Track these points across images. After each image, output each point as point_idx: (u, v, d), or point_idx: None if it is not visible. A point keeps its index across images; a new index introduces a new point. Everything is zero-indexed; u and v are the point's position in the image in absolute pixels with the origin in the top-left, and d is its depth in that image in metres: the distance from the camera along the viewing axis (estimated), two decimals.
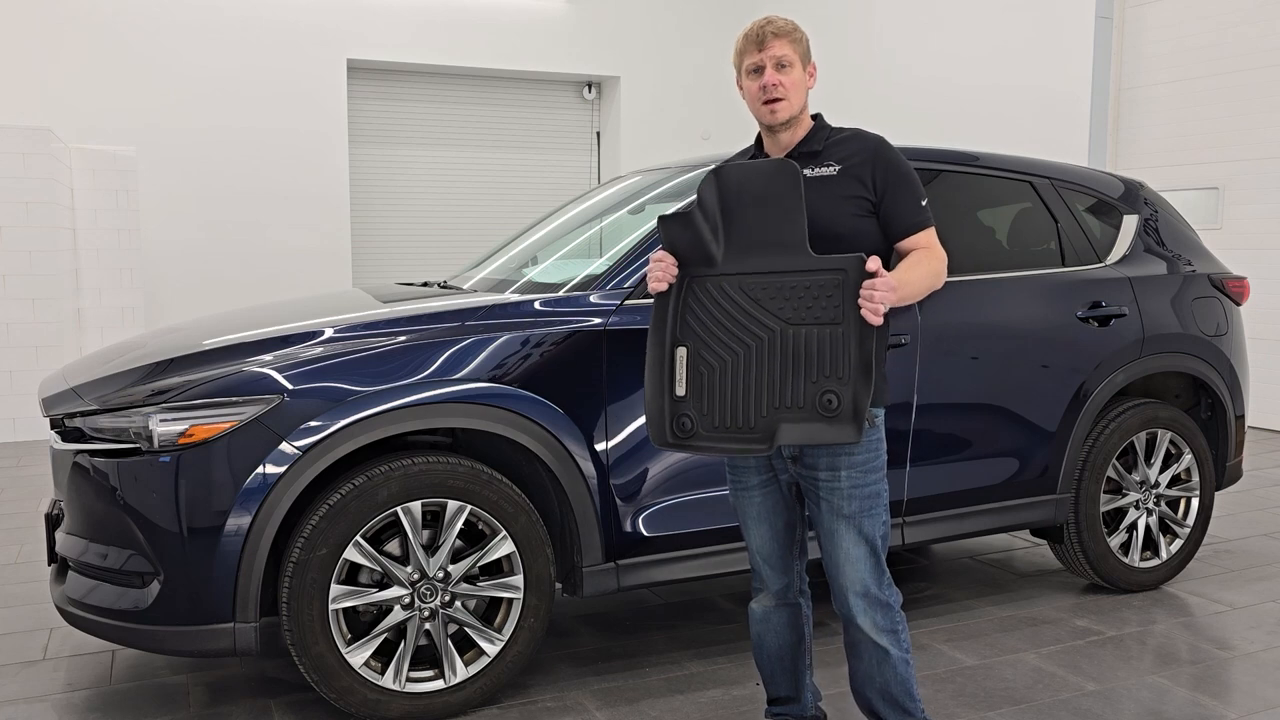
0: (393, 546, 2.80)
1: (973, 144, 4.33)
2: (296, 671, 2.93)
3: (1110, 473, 3.82)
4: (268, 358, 2.78)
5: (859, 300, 2.09)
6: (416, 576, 2.79)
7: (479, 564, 2.86)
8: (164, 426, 2.63)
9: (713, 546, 3.12)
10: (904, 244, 2.33)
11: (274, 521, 2.65)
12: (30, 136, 7.16)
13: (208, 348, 2.89)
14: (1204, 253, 4.25)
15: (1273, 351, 7.04)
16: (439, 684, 2.82)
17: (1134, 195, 4.15)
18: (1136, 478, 3.90)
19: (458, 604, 2.84)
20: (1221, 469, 4.18)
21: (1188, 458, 3.99)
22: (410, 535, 2.77)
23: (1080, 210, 3.95)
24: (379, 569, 2.75)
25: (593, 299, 3.06)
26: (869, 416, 2.29)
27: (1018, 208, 3.89)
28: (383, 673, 2.78)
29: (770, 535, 2.45)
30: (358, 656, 2.74)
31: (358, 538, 2.71)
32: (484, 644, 2.87)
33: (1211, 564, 4.30)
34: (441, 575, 2.81)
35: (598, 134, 11.44)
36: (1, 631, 3.59)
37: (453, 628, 2.85)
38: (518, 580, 2.89)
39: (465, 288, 3.64)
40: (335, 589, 2.69)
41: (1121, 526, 3.89)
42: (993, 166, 3.78)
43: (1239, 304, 4.20)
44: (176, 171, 9.20)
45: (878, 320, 2.08)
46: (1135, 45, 7.85)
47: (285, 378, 2.70)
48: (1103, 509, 3.81)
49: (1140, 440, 3.86)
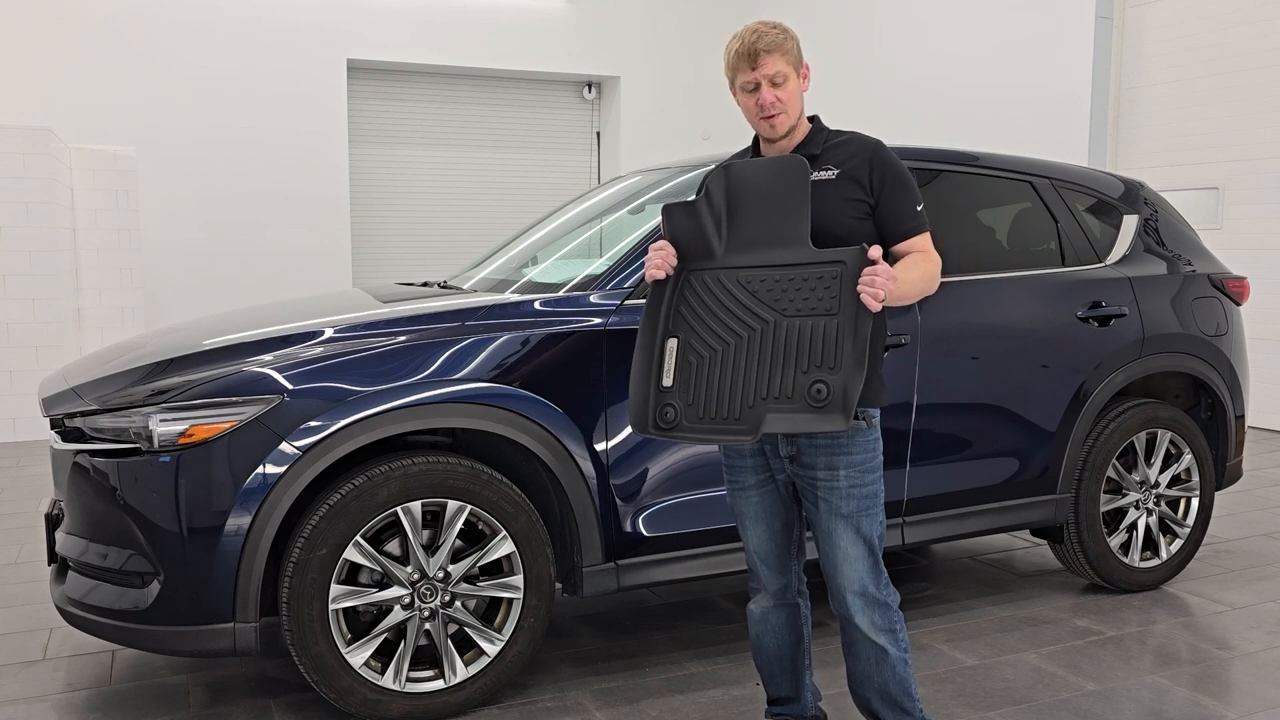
0: (393, 546, 2.80)
1: (973, 144, 4.33)
2: (296, 671, 2.93)
3: (1110, 473, 3.82)
4: (268, 358, 2.78)
5: (859, 285, 2.07)
6: (416, 576, 2.79)
7: (479, 564, 2.86)
8: (164, 426, 2.63)
9: (713, 546, 3.12)
10: (899, 248, 2.33)
11: (274, 521, 2.65)
12: (30, 136, 7.16)
13: (208, 348, 2.89)
14: (1204, 253, 4.25)
15: (1273, 351, 7.04)
16: (439, 684, 2.82)
17: (1134, 195, 4.15)
18: (1136, 478, 3.90)
19: (458, 604, 2.84)
20: (1221, 469, 4.18)
21: (1188, 458, 3.99)
22: (410, 535, 2.77)
23: (1080, 210, 3.95)
24: (379, 569, 2.75)
25: (593, 299, 3.06)
26: (866, 417, 2.29)
27: (1018, 208, 3.89)
28: (383, 673, 2.78)
29: (768, 535, 2.45)
30: (358, 656, 2.74)
31: (358, 538, 2.71)
32: (484, 644, 2.87)
33: (1211, 564, 4.30)
34: (441, 575, 2.81)
35: (598, 134, 11.44)
36: (1, 631, 3.59)
37: (453, 628, 2.85)
38: (518, 580, 2.89)
39: (465, 288, 3.64)
40: (335, 589, 2.69)
41: (1121, 526, 3.89)
42: (993, 166, 3.79)
43: (1239, 304, 4.20)
44: (176, 171, 9.20)
45: (876, 306, 2.06)
46: (1135, 45, 7.85)
47: (285, 378, 2.70)
48: (1103, 509, 3.81)
49: (1140, 440, 3.86)
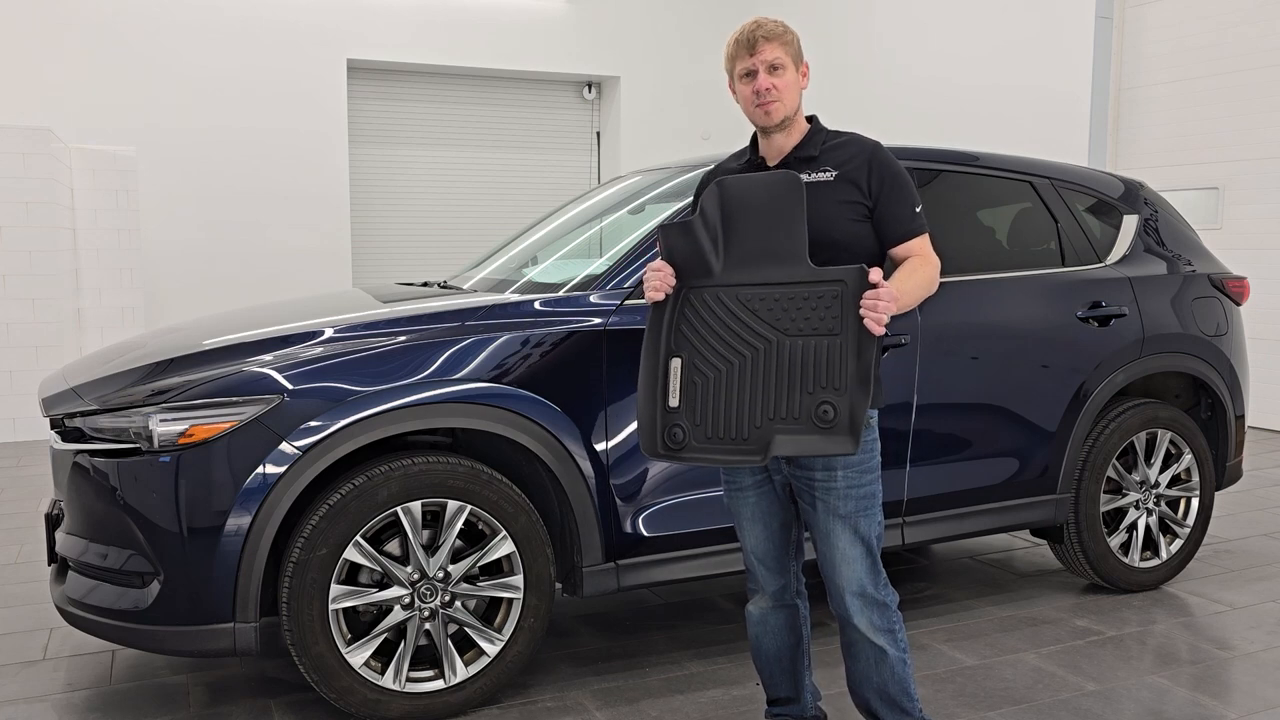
0: (393, 546, 2.80)
1: (973, 144, 4.33)
2: (296, 671, 2.93)
3: (1110, 473, 3.82)
4: (268, 358, 2.78)
5: (862, 310, 2.08)
6: (416, 576, 2.79)
7: (479, 564, 2.86)
8: (164, 426, 2.63)
9: (713, 546, 3.12)
10: (898, 250, 2.33)
11: (274, 521, 2.65)
12: (30, 136, 7.16)
13: (208, 348, 2.89)
14: (1204, 253, 4.25)
15: (1273, 351, 7.04)
16: (439, 684, 2.82)
17: (1134, 195, 4.15)
18: (1136, 478, 3.90)
19: (458, 604, 2.84)
20: (1221, 469, 4.18)
21: (1188, 458, 3.99)
22: (410, 535, 2.77)
23: (1080, 210, 3.95)
24: (379, 569, 2.75)
25: (593, 299, 3.06)
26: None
27: (1018, 208, 3.89)
28: (383, 673, 2.78)
29: (766, 536, 2.45)
30: (358, 656, 2.74)
31: (358, 538, 2.71)
32: (484, 644, 2.87)
33: (1211, 564, 4.30)
34: (441, 575, 2.81)
35: (598, 134, 11.44)
36: (1, 631, 3.59)
37: (453, 628, 2.85)
38: (518, 580, 2.89)
39: (465, 288, 3.64)
40: (335, 589, 2.69)
41: (1121, 526, 3.89)
42: (993, 166, 3.79)
43: (1239, 304, 4.20)
44: (176, 171, 9.20)
45: (880, 330, 2.07)
46: (1135, 45, 7.85)
47: (285, 378, 2.70)
48: (1103, 509, 3.81)
49: (1140, 440, 3.86)
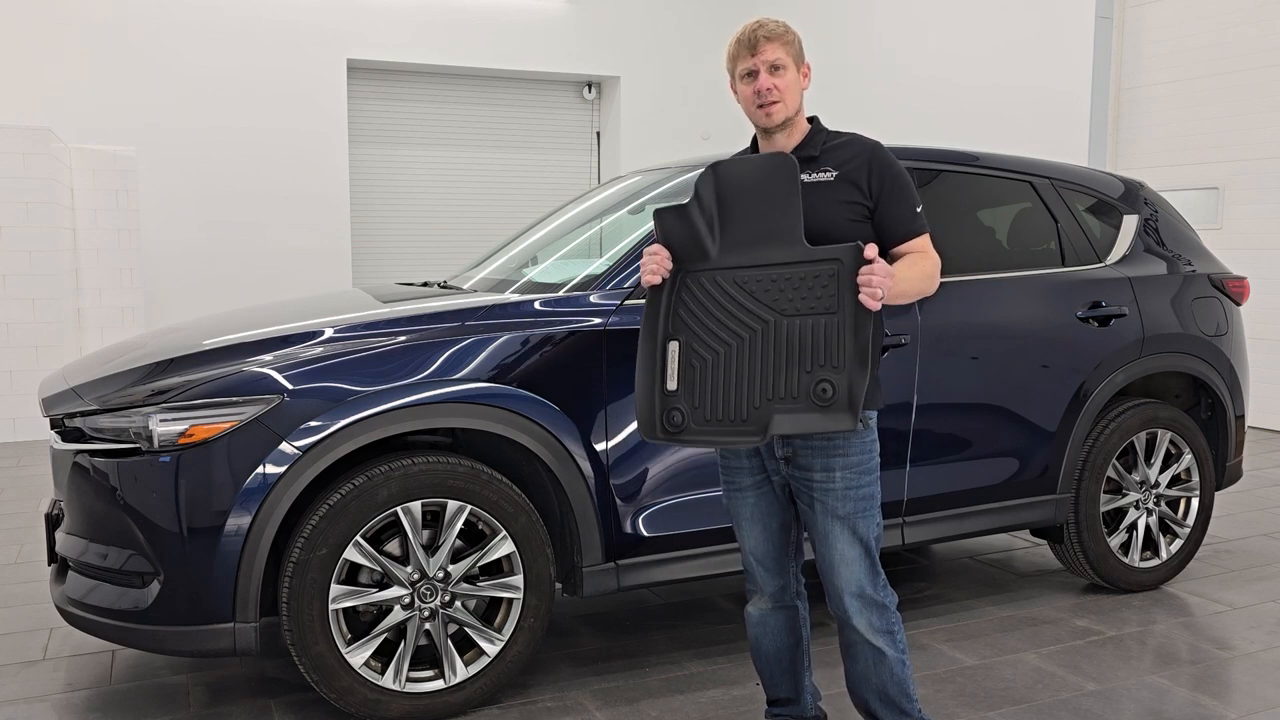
0: (393, 546, 2.80)
1: (973, 144, 4.33)
2: (296, 671, 2.93)
3: (1110, 473, 3.82)
4: (268, 358, 2.78)
5: (857, 284, 2.08)
6: (416, 576, 2.79)
7: (479, 564, 2.86)
8: (164, 426, 2.63)
9: (713, 546, 3.12)
10: (899, 251, 2.32)
11: (274, 521, 2.65)
12: (30, 136, 7.16)
13: (208, 348, 2.89)
14: (1204, 253, 4.25)
15: (1273, 351, 7.04)
16: (439, 684, 2.82)
17: (1134, 195, 4.15)
18: (1136, 478, 3.90)
19: (458, 604, 2.84)
20: (1221, 469, 4.18)
21: (1188, 458, 3.99)
22: (410, 535, 2.77)
23: (1080, 210, 3.95)
24: (379, 569, 2.75)
25: (593, 299, 3.06)
26: (863, 419, 2.28)
27: (1018, 208, 3.89)
28: (383, 673, 2.78)
29: (764, 537, 2.45)
30: (358, 656, 2.74)
31: (358, 538, 2.71)
32: (484, 644, 2.87)
33: (1211, 564, 4.30)
34: (441, 575, 2.81)
35: (598, 134, 11.44)
36: (1, 631, 3.59)
37: (453, 628, 2.85)
38: (518, 580, 2.89)
39: (465, 288, 3.64)
40: (335, 589, 2.69)
41: (1121, 526, 3.89)
42: (993, 166, 3.79)
43: (1239, 304, 4.20)
44: (176, 171, 9.21)
45: (875, 305, 2.07)
46: (1135, 45, 7.85)
47: (285, 378, 2.70)
48: (1103, 509, 3.81)
49: (1140, 440, 3.86)
